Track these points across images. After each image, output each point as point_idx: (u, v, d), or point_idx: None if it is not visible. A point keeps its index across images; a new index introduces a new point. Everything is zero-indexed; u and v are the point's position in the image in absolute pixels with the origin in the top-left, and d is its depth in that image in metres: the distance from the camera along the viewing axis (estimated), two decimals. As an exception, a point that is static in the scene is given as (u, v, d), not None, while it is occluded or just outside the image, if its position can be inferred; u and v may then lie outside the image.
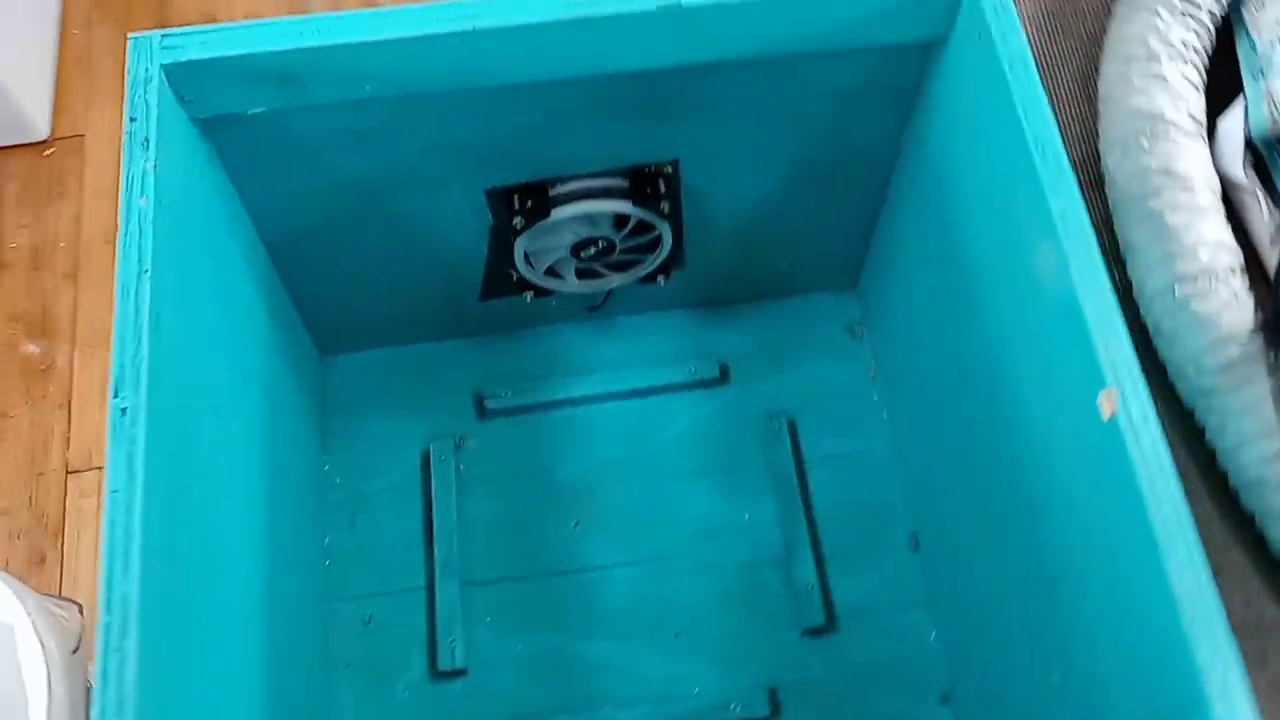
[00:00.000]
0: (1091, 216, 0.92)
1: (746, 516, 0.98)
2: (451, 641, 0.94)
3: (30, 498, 1.41)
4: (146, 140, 0.67)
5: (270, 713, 0.78)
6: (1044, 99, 0.66)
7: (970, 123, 0.74)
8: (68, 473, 1.43)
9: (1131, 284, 0.91)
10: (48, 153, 1.52)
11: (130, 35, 0.70)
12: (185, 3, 1.56)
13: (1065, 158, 0.65)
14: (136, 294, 0.64)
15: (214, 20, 1.56)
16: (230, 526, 0.76)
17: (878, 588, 0.95)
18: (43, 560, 1.39)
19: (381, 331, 1.03)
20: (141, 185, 0.66)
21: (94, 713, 0.56)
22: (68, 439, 1.45)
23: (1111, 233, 0.93)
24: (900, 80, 0.80)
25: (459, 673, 0.94)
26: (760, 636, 0.94)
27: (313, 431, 1.00)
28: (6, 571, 1.37)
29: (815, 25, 0.73)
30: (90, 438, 1.44)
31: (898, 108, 0.83)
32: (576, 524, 0.98)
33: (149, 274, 0.64)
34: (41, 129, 1.48)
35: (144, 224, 0.65)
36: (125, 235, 0.65)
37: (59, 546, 1.39)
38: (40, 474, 1.42)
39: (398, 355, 1.04)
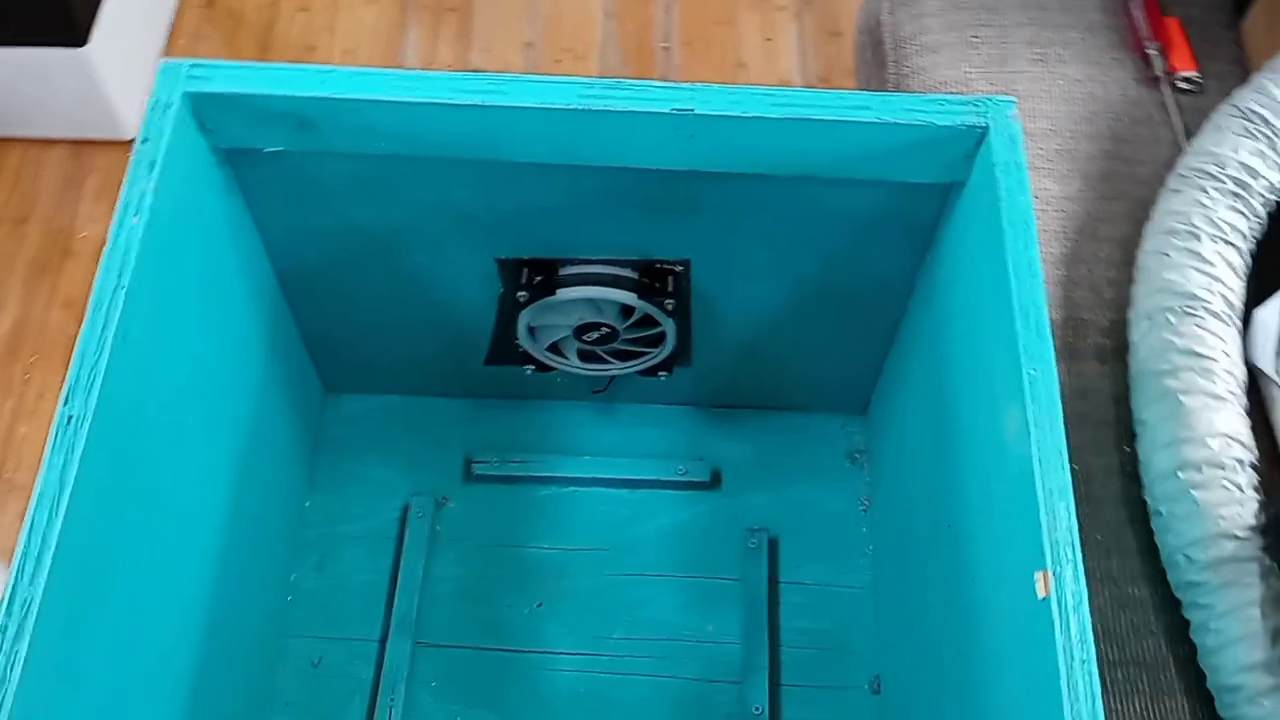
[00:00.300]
0: (1108, 385, 0.90)
1: (710, 628, 0.96)
2: (391, 700, 0.93)
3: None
4: (153, 163, 0.69)
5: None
6: (1037, 261, 0.64)
7: (971, 272, 0.72)
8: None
9: (1138, 459, 0.88)
10: (133, 152, 1.57)
11: (163, 60, 0.72)
12: (289, 30, 1.61)
13: (1047, 324, 0.63)
14: (108, 308, 0.65)
15: (313, 51, 1.61)
16: (178, 548, 0.77)
17: (829, 725, 0.92)
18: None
19: (386, 378, 1.04)
20: (138, 205, 0.67)
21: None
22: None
23: (1127, 404, 0.90)
24: (919, 217, 0.79)
25: (393, 735, 0.92)
26: (700, 754, 0.91)
27: (301, 466, 1.01)
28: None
29: (835, 152, 0.73)
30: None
31: (916, 243, 0.82)
32: (539, 604, 0.97)
33: (124, 290, 0.65)
34: (130, 128, 1.53)
35: (131, 242, 0.66)
36: (110, 250, 0.66)
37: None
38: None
39: (399, 404, 1.05)
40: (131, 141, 0.70)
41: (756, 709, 0.91)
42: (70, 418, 0.62)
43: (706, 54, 1.60)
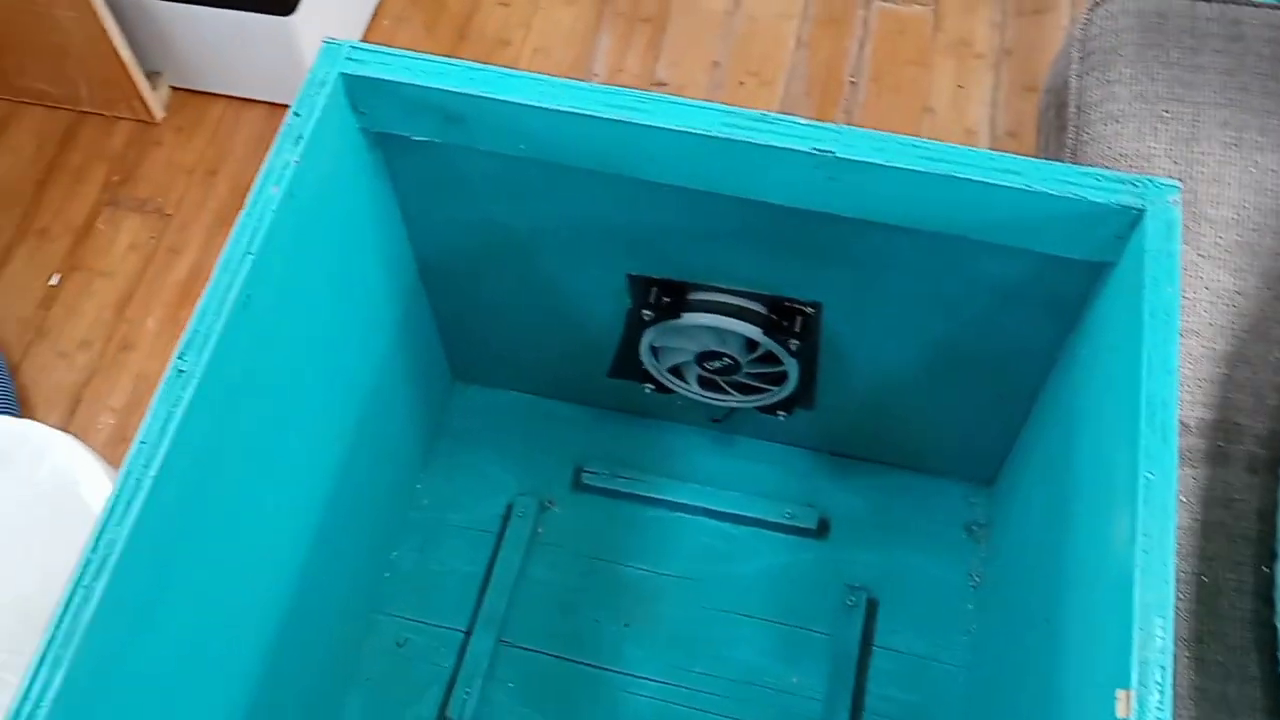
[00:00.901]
0: (1255, 498, 0.84)
1: (794, 680, 0.93)
2: (467, 693, 0.93)
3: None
4: (300, 137, 0.70)
5: (260, 698, 0.79)
6: (1174, 358, 0.60)
7: (1108, 360, 0.68)
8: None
9: (1275, 583, 0.82)
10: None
11: (325, 40, 0.74)
12: (486, 22, 1.64)
13: (1175, 427, 0.59)
14: (235, 271, 0.67)
15: (507, 46, 1.64)
16: (278, 510, 0.79)
17: (900, 804, 0.88)
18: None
19: (511, 375, 1.05)
20: (279, 175, 0.69)
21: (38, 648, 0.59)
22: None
23: (1273, 521, 0.84)
24: (1066, 292, 0.75)
25: (463, 728, 0.93)
26: (762, 808, 0.89)
27: (418, 449, 1.03)
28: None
29: (981, 215, 0.69)
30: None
31: (1060, 318, 0.78)
32: (627, 624, 0.96)
33: (251, 256, 0.67)
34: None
35: (266, 210, 0.68)
36: (245, 215, 0.68)
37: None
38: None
39: (521, 402, 1.06)
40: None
41: (826, 773, 0.88)
42: (181, 370, 0.64)
43: (895, 94, 1.56)
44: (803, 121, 0.69)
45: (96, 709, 0.61)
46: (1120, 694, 0.53)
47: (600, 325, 0.93)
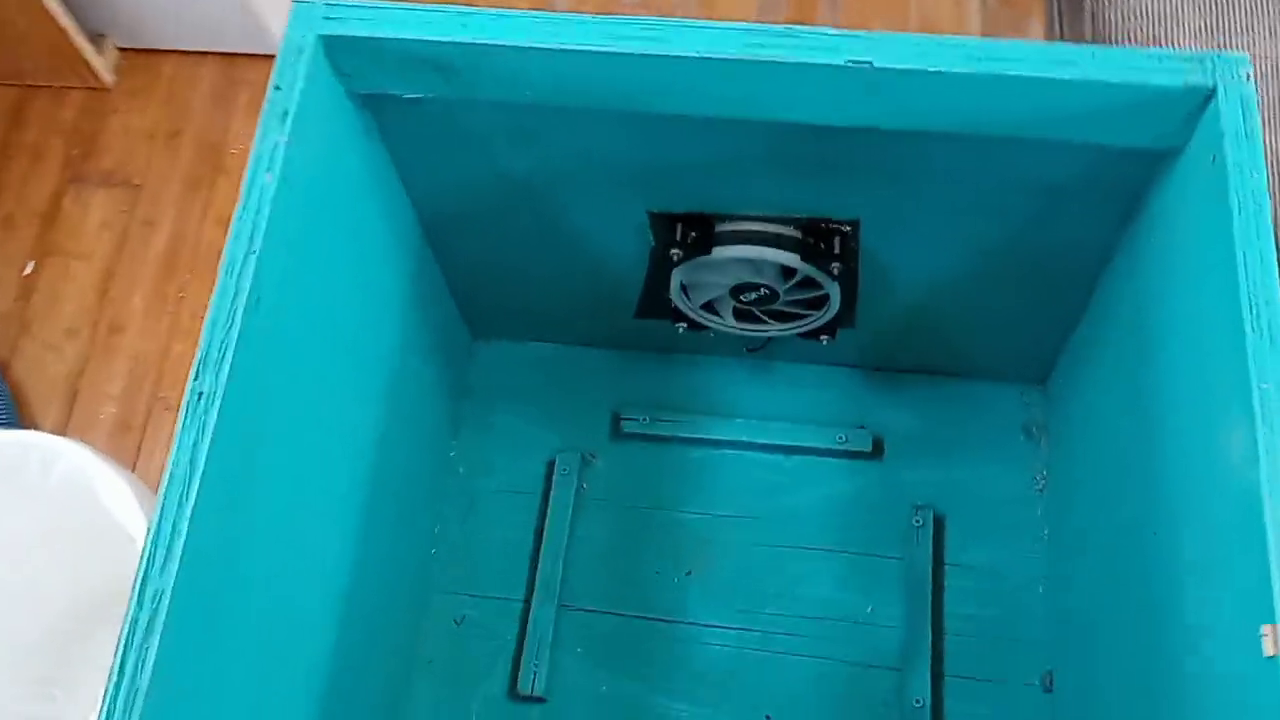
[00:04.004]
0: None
1: (869, 610, 0.90)
2: (536, 666, 0.90)
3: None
4: (285, 113, 0.64)
5: (330, 703, 0.76)
6: (1272, 253, 0.55)
7: (1187, 256, 0.63)
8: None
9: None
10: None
11: (295, 1, 0.68)
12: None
13: (1285, 329, 0.54)
14: (239, 274, 0.61)
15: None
16: (322, 507, 0.74)
17: (995, 722, 0.85)
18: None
19: (534, 326, 1.00)
20: (270, 159, 0.63)
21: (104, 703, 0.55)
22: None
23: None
24: (1124, 184, 0.70)
25: (538, 699, 0.90)
26: (855, 744, 0.86)
27: (445, 415, 0.98)
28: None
29: (1031, 112, 0.64)
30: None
31: (1117, 211, 0.72)
32: (689, 572, 0.92)
33: (255, 255, 0.61)
34: (279, 41, 1.51)
35: (263, 202, 0.62)
36: (242, 210, 0.62)
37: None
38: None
39: (546, 352, 1.01)
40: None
41: (917, 701, 0.85)
42: (200, 394, 0.59)
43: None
44: (833, 32, 0.62)
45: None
46: (1266, 629, 0.49)
47: (623, 267, 0.87)
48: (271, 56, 0.68)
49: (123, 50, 1.54)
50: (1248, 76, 0.60)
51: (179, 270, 1.44)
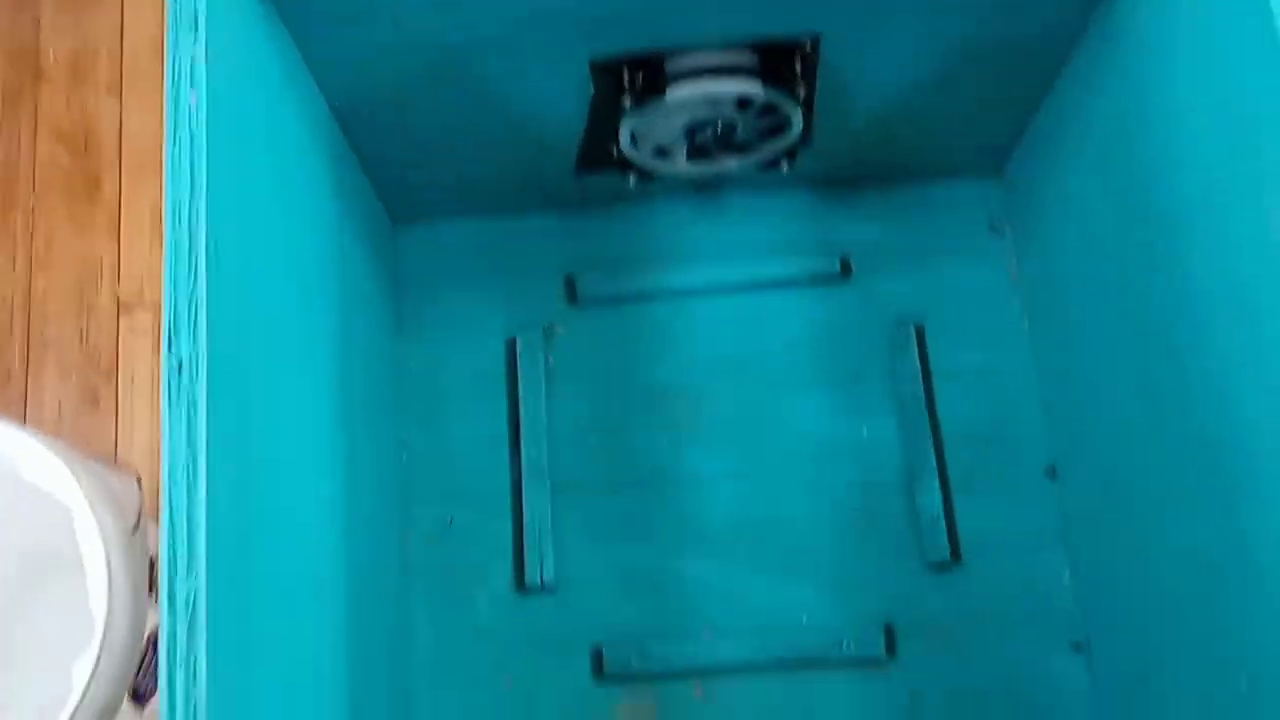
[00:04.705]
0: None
1: (865, 433, 0.88)
2: (540, 554, 0.86)
3: (81, 333, 1.34)
4: (195, 18, 0.55)
5: (351, 627, 0.71)
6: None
7: (1179, 35, 0.60)
8: (119, 308, 1.34)
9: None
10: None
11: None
12: None
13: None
14: (190, 220, 0.53)
15: None
16: (307, 446, 0.68)
17: (1008, 521, 0.86)
18: (96, 402, 1.32)
19: (462, 200, 0.92)
20: (191, 76, 0.54)
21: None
22: (118, 271, 1.36)
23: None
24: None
25: (547, 588, 0.86)
26: (877, 568, 0.85)
27: (387, 313, 0.91)
28: (61, 415, 1.31)
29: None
30: (141, 270, 1.35)
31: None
32: (678, 430, 0.89)
33: (204, 195, 0.53)
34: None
35: (195, 129, 0.54)
36: (172, 146, 0.53)
37: (113, 387, 1.32)
38: (90, 308, 1.34)
39: (479, 227, 0.93)
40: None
41: (932, 513, 0.85)
42: (180, 364, 0.51)
43: None
44: None
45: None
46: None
47: (560, 124, 0.81)
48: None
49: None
50: None
51: (20, 197, 1.30)
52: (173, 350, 0.52)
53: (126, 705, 0.88)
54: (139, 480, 1.06)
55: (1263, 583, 0.59)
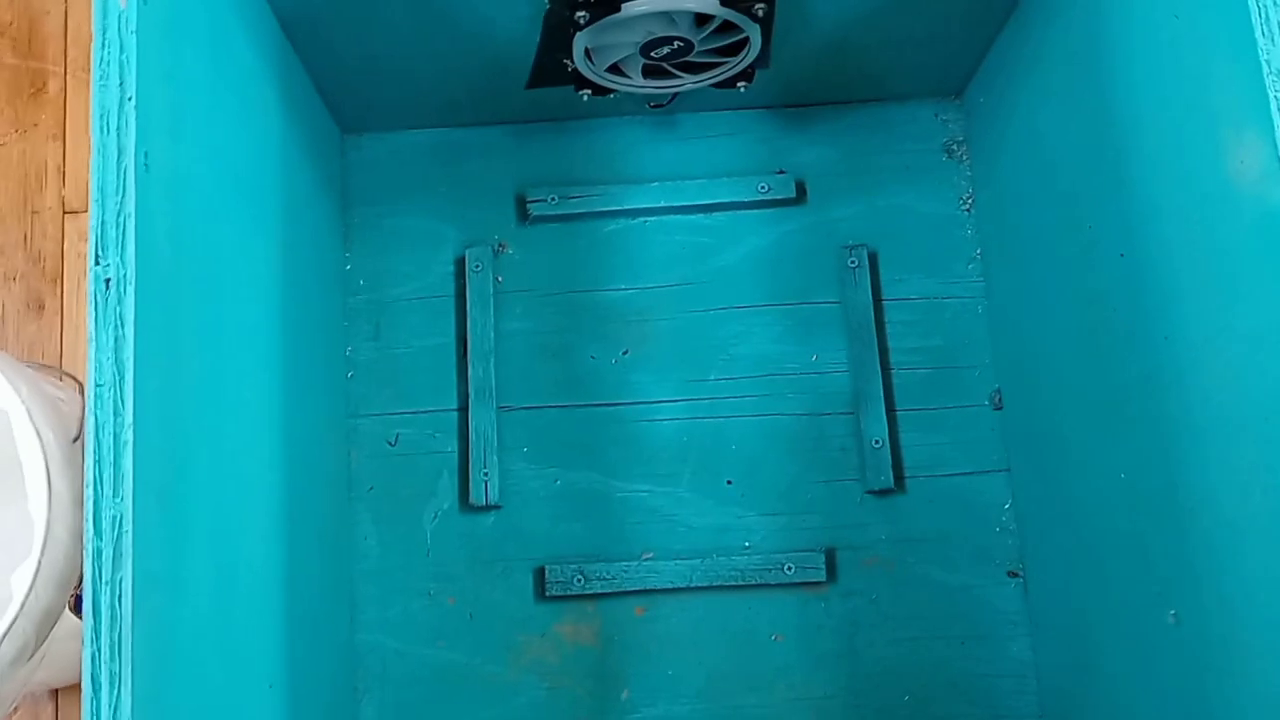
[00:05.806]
0: None
1: (814, 358, 0.88)
2: (485, 473, 0.86)
3: (25, 237, 1.31)
4: (125, -83, 0.53)
5: (288, 542, 0.71)
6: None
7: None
8: (64, 212, 1.31)
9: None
10: None
11: None
12: None
13: (1304, 28, 0.51)
14: (119, 129, 0.51)
15: None
16: (243, 352, 0.67)
17: (952, 449, 0.86)
18: (41, 307, 1.30)
19: (411, 111, 0.90)
20: (120, -25, 0.52)
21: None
22: (63, 174, 1.33)
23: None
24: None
25: (493, 507, 0.86)
26: (820, 493, 0.86)
27: (334, 225, 0.89)
28: (4, 320, 1.28)
29: None
30: (88, 174, 1.32)
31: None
32: (625, 352, 0.88)
33: (132, 102, 0.51)
34: None
35: (125, 33, 0.52)
36: (100, 48, 0.52)
37: (58, 293, 1.30)
38: (35, 212, 1.31)
39: (429, 139, 0.92)
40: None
41: (876, 442, 0.85)
42: (108, 281, 0.50)
43: None
44: None
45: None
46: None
47: (510, 36, 0.78)
48: None
49: None
50: None
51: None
52: (100, 266, 0.50)
53: (67, 615, 0.88)
54: (80, 387, 1.04)
55: (1191, 521, 0.60)
